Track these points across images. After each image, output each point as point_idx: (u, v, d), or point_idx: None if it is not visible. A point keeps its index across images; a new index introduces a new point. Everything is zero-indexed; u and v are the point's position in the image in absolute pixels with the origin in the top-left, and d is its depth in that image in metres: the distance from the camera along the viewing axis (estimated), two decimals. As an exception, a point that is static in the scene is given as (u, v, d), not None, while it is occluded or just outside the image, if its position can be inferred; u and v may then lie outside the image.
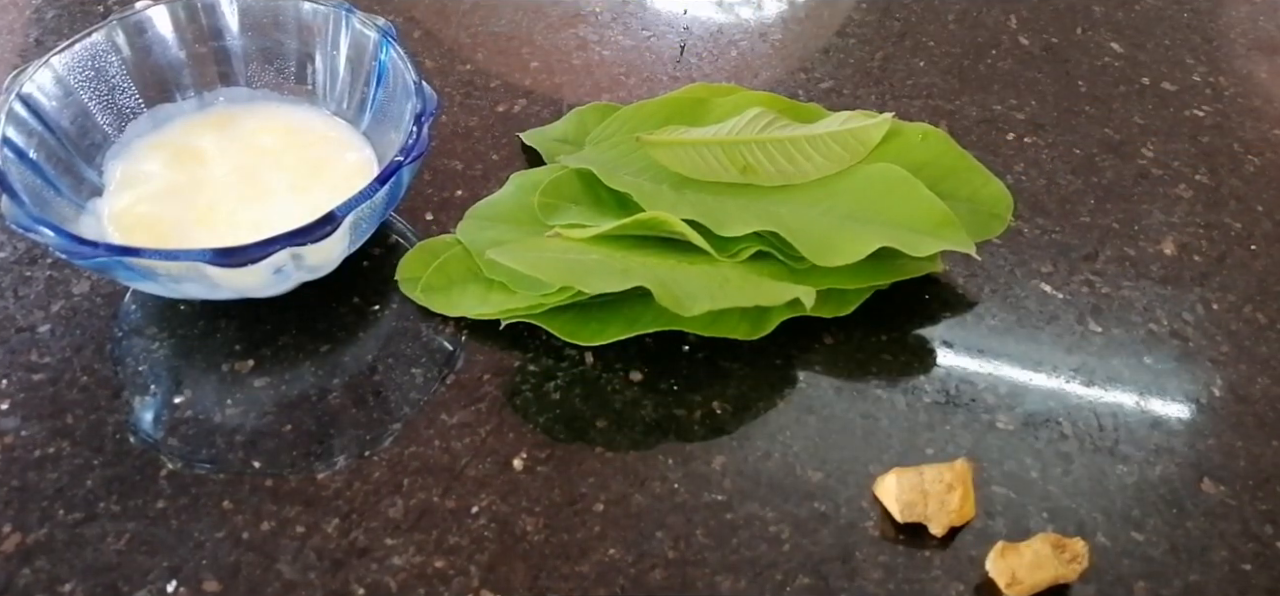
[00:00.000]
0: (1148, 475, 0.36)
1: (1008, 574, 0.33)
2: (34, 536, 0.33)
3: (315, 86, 0.45)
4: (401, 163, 0.37)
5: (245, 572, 0.33)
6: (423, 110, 0.39)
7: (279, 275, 0.37)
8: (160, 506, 0.34)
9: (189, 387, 0.38)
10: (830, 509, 0.35)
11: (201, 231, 0.39)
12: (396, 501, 0.35)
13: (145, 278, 0.36)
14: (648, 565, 0.33)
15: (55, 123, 0.40)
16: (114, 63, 0.42)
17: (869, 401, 0.38)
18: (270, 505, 0.34)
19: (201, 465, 0.35)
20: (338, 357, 0.39)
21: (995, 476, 0.36)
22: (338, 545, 0.33)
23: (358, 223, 0.37)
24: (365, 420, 0.37)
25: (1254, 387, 0.39)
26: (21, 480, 0.35)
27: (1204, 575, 0.34)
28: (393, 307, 0.41)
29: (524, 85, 0.51)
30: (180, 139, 0.43)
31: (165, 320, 0.40)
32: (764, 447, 0.37)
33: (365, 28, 0.42)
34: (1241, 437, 0.38)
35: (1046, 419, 0.38)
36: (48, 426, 0.36)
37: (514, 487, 0.35)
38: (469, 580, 0.33)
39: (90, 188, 0.41)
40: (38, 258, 0.42)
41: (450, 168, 0.46)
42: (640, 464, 0.36)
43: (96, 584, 0.32)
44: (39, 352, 0.39)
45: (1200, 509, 0.35)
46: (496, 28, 0.55)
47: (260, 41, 0.44)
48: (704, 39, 0.55)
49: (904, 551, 0.34)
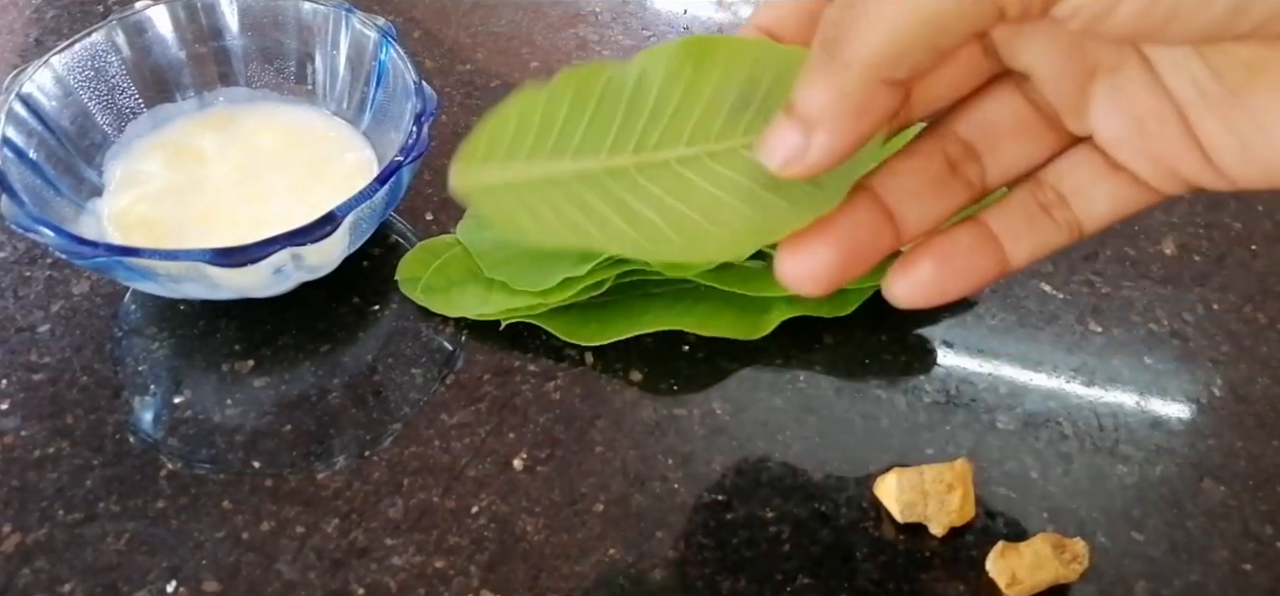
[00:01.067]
0: (1148, 475, 0.36)
1: (1008, 574, 0.33)
2: (34, 536, 0.33)
3: (315, 86, 0.45)
4: (401, 162, 0.37)
5: (245, 573, 0.33)
6: (423, 110, 0.39)
7: (279, 275, 0.37)
8: (160, 506, 0.34)
9: (189, 387, 0.38)
10: (830, 509, 0.35)
11: (201, 231, 0.39)
12: (396, 501, 0.35)
13: (145, 277, 0.36)
14: (648, 565, 0.33)
15: (55, 122, 0.40)
16: (114, 62, 0.42)
17: (869, 401, 0.38)
18: (270, 505, 0.34)
19: (201, 465, 0.35)
20: (338, 358, 0.39)
21: (995, 476, 0.36)
22: (337, 545, 0.33)
23: (358, 223, 0.37)
24: (365, 420, 0.37)
25: (1254, 387, 0.39)
26: (21, 480, 0.35)
27: (1204, 575, 0.34)
28: (393, 308, 0.41)
29: (524, 85, 0.51)
30: (180, 139, 0.43)
31: (165, 320, 0.40)
32: (764, 447, 0.37)
33: (365, 27, 0.42)
34: (1242, 438, 0.38)
35: (1047, 419, 0.38)
36: (47, 426, 0.36)
37: (514, 487, 0.35)
38: (469, 580, 0.33)
39: (90, 187, 0.41)
40: (37, 257, 0.42)
41: (450, 167, 0.46)
42: (640, 464, 0.36)
43: (96, 584, 0.32)
44: (39, 352, 0.39)
45: (1200, 509, 0.35)
46: (496, 27, 0.55)
47: (260, 41, 0.44)
48: (704, 39, 0.55)
49: (904, 551, 0.34)
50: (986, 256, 0.27)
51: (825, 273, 0.25)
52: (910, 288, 0.26)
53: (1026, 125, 0.27)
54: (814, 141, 0.23)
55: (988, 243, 0.27)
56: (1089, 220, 0.27)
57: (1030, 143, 0.27)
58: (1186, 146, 0.24)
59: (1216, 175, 0.24)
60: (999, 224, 0.27)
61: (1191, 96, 0.23)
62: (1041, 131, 0.27)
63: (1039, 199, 0.27)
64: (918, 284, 0.26)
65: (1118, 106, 0.25)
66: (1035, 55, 0.25)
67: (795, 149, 0.23)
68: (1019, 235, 0.27)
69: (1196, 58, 0.23)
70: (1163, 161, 0.25)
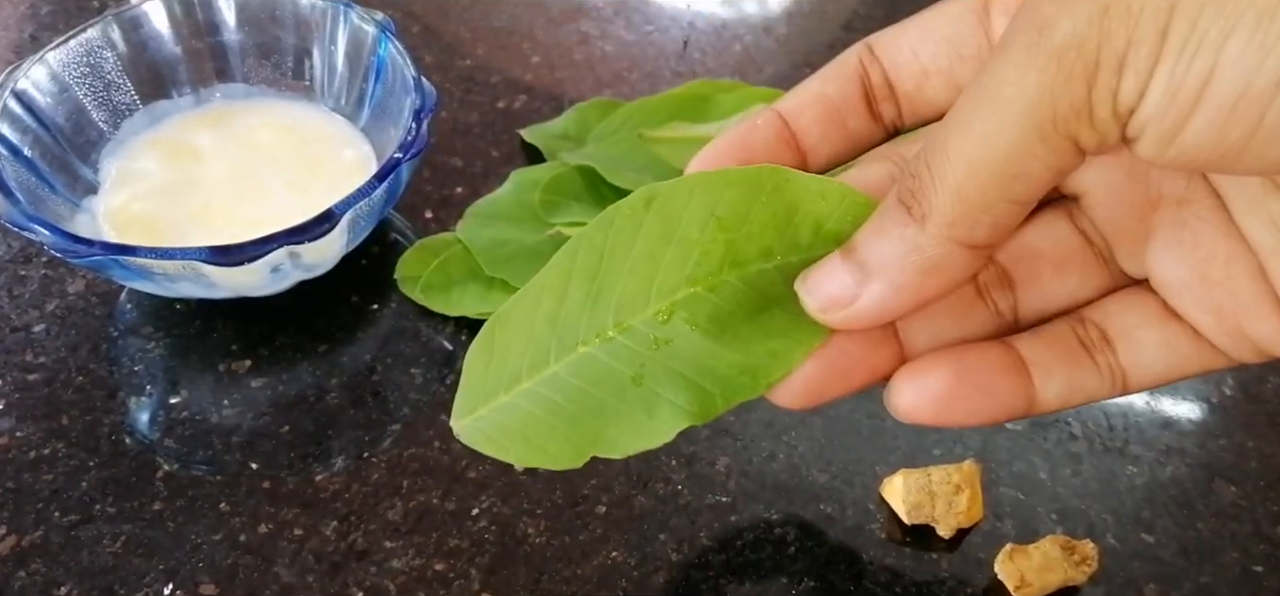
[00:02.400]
0: (1158, 476, 0.36)
1: (1016, 576, 0.32)
2: (29, 538, 0.33)
3: (313, 82, 0.44)
4: (400, 159, 0.36)
5: (242, 575, 0.32)
6: (422, 106, 0.38)
7: (276, 274, 0.37)
8: (157, 508, 0.34)
9: (185, 388, 0.37)
10: (836, 511, 0.35)
11: (198, 229, 0.39)
12: (396, 503, 0.34)
13: (141, 276, 0.35)
14: (651, 568, 0.33)
15: (50, 120, 0.40)
16: (109, 59, 0.42)
17: (875, 402, 0.38)
18: (268, 507, 0.34)
19: (198, 466, 0.35)
20: (336, 357, 0.38)
21: (1004, 477, 0.36)
22: (336, 547, 0.33)
23: (356, 220, 0.37)
24: (364, 421, 0.36)
25: (1266, 386, 0.39)
26: (16, 481, 0.34)
27: (1215, 577, 0.33)
28: (392, 307, 0.40)
29: (525, 81, 0.51)
30: (176, 136, 0.42)
31: (161, 319, 0.39)
32: (769, 449, 0.36)
33: (363, 23, 0.42)
34: (1253, 437, 0.37)
35: (1055, 419, 0.37)
36: (43, 427, 0.36)
37: (515, 489, 0.35)
38: (469, 583, 0.32)
39: (85, 185, 0.40)
40: (33, 256, 0.41)
41: (450, 165, 0.45)
42: (643, 465, 0.35)
43: (92, 586, 0.32)
44: (34, 352, 0.38)
45: (1211, 510, 0.35)
46: (497, 22, 0.54)
47: (257, 37, 0.44)
48: (707, 34, 0.54)
49: (911, 553, 0.33)
50: (1013, 384, 0.22)
51: (802, 386, 0.22)
52: (917, 398, 0.22)
53: (1074, 256, 0.23)
54: (867, 291, 0.21)
55: (1016, 369, 0.22)
56: (1135, 370, 0.23)
57: (1075, 276, 0.23)
58: (1258, 301, 0.21)
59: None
60: (1031, 352, 0.23)
61: (1271, 242, 0.20)
62: (1090, 266, 0.23)
63: (1080, 335, 0.23)
64: (927, 395, 0.22)
65: (1181, 244, 0.22)
66: (1093, 175, 0.22)
67: (844, 294, 0.21)
68: (1051, 370, 0.23)
69: (1277, 196, 0.20)
70: (1228, 316, 0.21)
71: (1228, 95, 0.17)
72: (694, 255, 0.22)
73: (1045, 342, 0.23)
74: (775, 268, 0.22)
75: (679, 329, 0.22)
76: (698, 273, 0.22)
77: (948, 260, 0.20)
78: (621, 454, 0.23)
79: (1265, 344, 0.21)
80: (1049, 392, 0.23)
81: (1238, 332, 0.21)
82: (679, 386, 0.22)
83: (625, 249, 0.22)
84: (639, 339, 0.22)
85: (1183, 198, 0.22)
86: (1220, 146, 0.17)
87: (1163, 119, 0.17)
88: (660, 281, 0.22)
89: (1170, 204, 0.22)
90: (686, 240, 0.22)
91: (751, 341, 0.22)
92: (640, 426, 0.23)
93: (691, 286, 0.22)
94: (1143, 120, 0.18)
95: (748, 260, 0.22)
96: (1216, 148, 0.17)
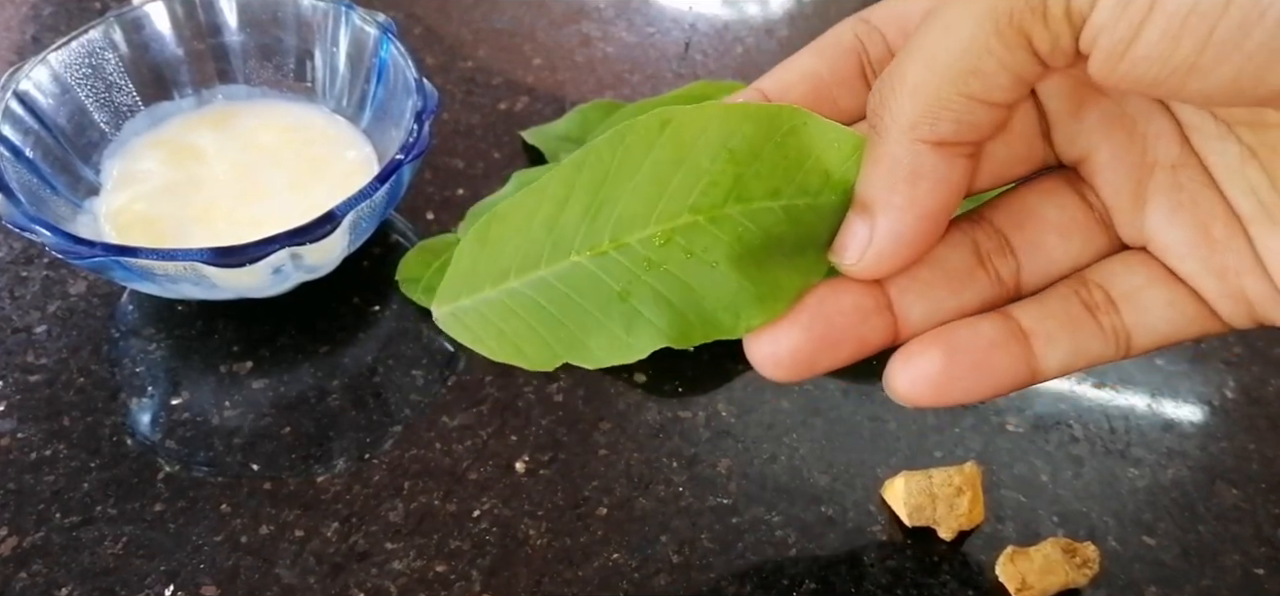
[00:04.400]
0: (1159, 478, 0.36)
1: (1018, 579, 0.32)
2: (30, 539, 0.33)
3: (315, 83, 0.44)
4: (402, 161, 0.36)
5: (243, 576, 0.32)
6: (423, 107, 0.38)
7: (278, 275, 0.37)
8: (158, 509, 0.34)
9: (187, 389, 0.37)
10: (837, 512, 0.34)
11: (199, 230, 0.39)
12: (397, 505, 0.34)
13: (142, 277, 0.35)
14: (652, 570, 0.33)
15: (52, 120, 0.40)
16: (111, 60, 0.42)
17: (876, 403, 0.38)
18: (269, 508, 0.34)
19: (199, 468, 0.35)
20: (337, 359, 0.38)
21: (1005, 480, 0.36)
22: (337, 549, 0.33)
23: (357, 222, 0.37)
24: (365, 422, 0.36)
25: (1267, 389, 0.39)
26: (18, 482, 0.34)
27: (1216, 580, 0.33)
28: (393, 308, 0.40)
29: (526, 82, 0.51)
30: (178, 137, 0.42)
31: (163, 320, 0.39)
32: (770, 450, 0.36)
33: (365, 24, 0.42)
34: (1255, 440, 0.37)
35: (1057, 421, 0.37)
36: (44, 428, 0.36)
37: (516, 491, 0.35)
38: (470, 585, 0.32)
39: (87, 186, 0.40)
40: (34, 257, 0.41)
41: (451, 166, 0.45)
42: (644, 467, 0.35)
43: (93, 588, 0.32)
44: (35, 353, 0.38)
45: (1212, 512, 0.35)
46: (498, 24, 0.54)
47: (259, 38, 0.44)
48: (709, 35, 0.54)
49: (912, 556, 0.33)
50: (1011, 356, 0.22)
51: (789, 356, 0.22)
52: (912, 381, 0.22)
53: (1076, 222, 0.23)
54: (877, 229, 0.21)
55: (1015, 340, 0.22)
56: (1140, 331, 0.22)
57: (1078, 240, 0.23)
58: (1258, 262, 0.21)
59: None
60: (1032, 320, 0.22)
61: (1253, 209, 0.21)
62: (1092, 230, 0.23)
63: (1083, 297, 0.23)
64: (921, 377, 0.22)
65: (1180, 207, 0.22)
66: (1092, 140, 0.23)
67: (863, 240, 0.21)
68: (1054, 337, 0.22)
69: (1254, 163, 0.20)
70: (1231, 277, 0.21)
71: (1179, 7, 0.17)
72: (701, 184, 0.22)
73: (1047, 309, 0.23)
74: (781, 207, 0.22)
75: (673, 255, 0.22)
76: (702, 202, 0.22)
77: (921, 163, 0.20)
78: (594, 365, 0.23)
79: (1261, 307, 0.22)
80: (1052, 361, 0.22)
81: (1239, 295, 0.22)
82: (662, 308, 0.23)
83: (633, 168, 0.22)
84: (632, 257, 0.23)
85: (1176, 162, 0.22)
86: (1171, 61, 0.17)
87: (1115, 27, 0.18)
88: (664, 205, 0.22)
89: (1165, 168, 0.22)
90: (696, 168, 0.22)
91: (742, 282, 0.22)
92: (617, 341, 0.23)
93: (694, 215, 0.22)
94: (1096, 28, 0.18)
95: (753, 196, 0.22)
96: (1167, 62, 0.17)
